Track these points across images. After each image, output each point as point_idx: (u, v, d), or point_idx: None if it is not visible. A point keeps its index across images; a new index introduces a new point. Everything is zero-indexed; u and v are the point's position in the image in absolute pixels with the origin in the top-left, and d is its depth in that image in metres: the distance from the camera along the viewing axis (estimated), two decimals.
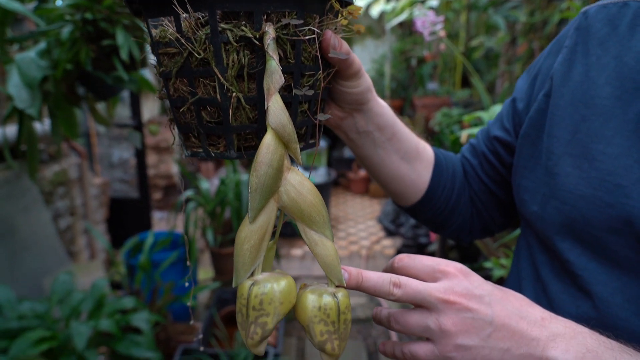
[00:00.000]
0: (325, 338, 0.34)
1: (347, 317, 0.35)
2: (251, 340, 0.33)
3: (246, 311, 0.33)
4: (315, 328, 0.34)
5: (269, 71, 0.33)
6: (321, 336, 0.34)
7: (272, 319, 0.32)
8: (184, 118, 0.38)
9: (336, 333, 0.34)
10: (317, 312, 0.34)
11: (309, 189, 0.35)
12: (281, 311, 0.32)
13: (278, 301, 0.32)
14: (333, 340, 0.34)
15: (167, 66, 0.36)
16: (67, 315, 1.43)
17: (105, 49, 1.02)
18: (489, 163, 0.59)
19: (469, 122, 1.89)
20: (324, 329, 0.34)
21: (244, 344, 1.64)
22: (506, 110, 0.57)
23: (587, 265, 0.43)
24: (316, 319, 0.34)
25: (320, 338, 0.34)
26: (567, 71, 0.47)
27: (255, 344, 0.33)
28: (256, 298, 0.32)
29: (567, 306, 0.45)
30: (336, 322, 0.34)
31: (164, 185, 3.29)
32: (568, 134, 0.45)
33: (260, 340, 0.33)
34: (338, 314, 0.34)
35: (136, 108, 2.25)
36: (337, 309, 0.34)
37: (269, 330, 0.32)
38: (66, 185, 2.01)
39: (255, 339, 0.32)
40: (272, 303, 0.32)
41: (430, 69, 4.01)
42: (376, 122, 0.51)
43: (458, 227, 0.62)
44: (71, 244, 2.04)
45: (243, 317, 0.33)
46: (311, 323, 0.34)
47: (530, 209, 0.49)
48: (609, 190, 0.41)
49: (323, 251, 0.35)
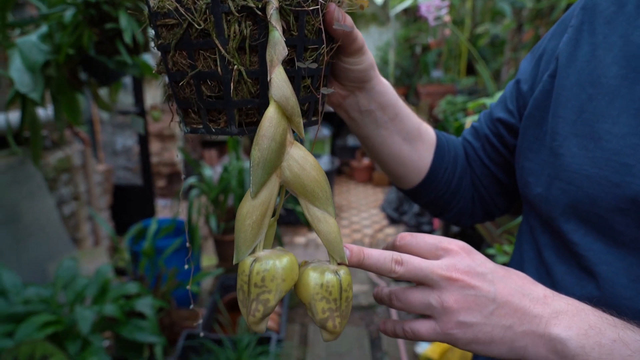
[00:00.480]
0: (327, 315, 0.34)
1: (348, 294, 0.35)
2: (252, 317, 0.32)
3: (247, 288, 0.32)
4: (317, 305, 0.34)
5: (272, 42, 0.32)
6: (323, 314, 0.34)
7: (274, 296, 0.32)
8: (183, 93, 0.37)
9: (338, 310, 0.34)
10: (319, 290, 0.33)
11: (312, 164, 0.34)
12: (283, 288, 0.32)
13: (280, 278, 0.32)
14: (335, 318, 0.34)
15: (165, 38, 0.36)
16: (72, 300, 1.44)
17: (108, 32, 1.01)
18: (492, 146, 0.58)
19: (473, 109, 1.88)
20: (325, 306, 0.34)
21: (247, 329, 1.65)
22: (510, 92, 0.56)
23: (592, 246, 0.42)
24: (318, 296, 0.33)
25: (322, 315, 0.34)
26: (572, 51, 0.46)
27: (257, 322, 0.32)
28: (258, 275, 0.32)
29: (571, 287, 0.44)
30: (338, 300, 0.34)
31: (167, 173, 3.30)
32: (574, 114, 0.44)
33: (262, 317, 0.32)
34: (340, 291, 0.34)
35: (139, 94, 2.24)
36: (339, 286, 0.34)
37: (271, 308, 0.32)
38: (70, 172, 2.01)
39: (257, 317, 0.32)
40: (274, 280, 0.32)
41: (435, 57, 3.98)
42: (378, 101, 0.50)
43: (459, 211, 0.61)
44: (75, 231, 2.05)
45: (244, 295, 0.32)
46: (313, 300, 0.34)
47: (534, 191, 0.48)
48: (616, 170, 0.40)
49: (326, 228, 0.34)
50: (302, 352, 2.00)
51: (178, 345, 1.61)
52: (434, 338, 0.37)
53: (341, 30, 0.38)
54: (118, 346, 1.52)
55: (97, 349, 1.32)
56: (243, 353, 1.50)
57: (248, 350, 1.52)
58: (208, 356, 1.57)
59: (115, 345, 1.53)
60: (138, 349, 1.50)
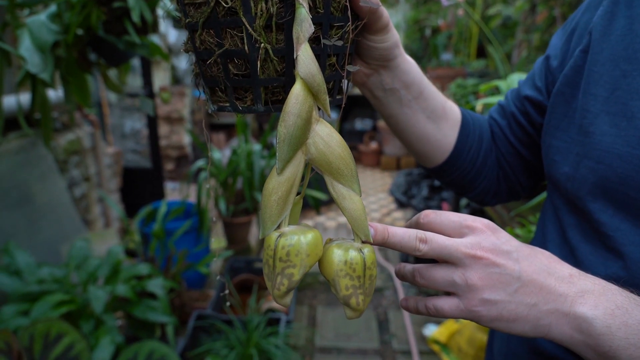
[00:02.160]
0: (351, 292, 0.34)
1: (372, 272, 0.35)
2: (277, 291, 0.33)
3: (273, 262, 0.33)
4: (340, 282, 0.34)
5: (299, 19, 0.32)
6: (346, 290, 0.34)
7: (298, 271, 0.32)
8: (210, 71, 0.37)
9: (361, 288, 0.34)
10: (343, 267, 0.34)
11: (338, 142, 0.34)
12: (308, 263, 0.32)
13: (305, 253, 0.32)
14: (358, 295, 0.34)
15: (193, 17, 0.35)
16: (85, 280, 1.46)
17: (116, 11, 1.00)
18: (518, 124, 0.57)
19: (484, 91, 1.85)
20: (349, 283, 0.34)
21: (256, 311, 1.67)
22: (538, 69, 0.55)
23: (619, 225, 0.42)
24: (342, 272, 0.34)
25: (346, 292, 0.34)
26: (607, 25, 0.45)
27: (282, 295, 0.33)
28: (283, 249, 0.32)
29: (596, 267, 0.44)
30: (362, 277, 0.34)
31: (176, 156, 3.31)
32: (606, 91, 0.43)
33: (287, 291, 0.33)
34: (364, 269, 0.34)
35: (147, 77, 2.23)
36: (363, 264, 0.34)
37: (296, 282, 0.32)
38: (80, 154, 2.02)
39: (282, 290, 0.33)
40: (299, 255, 0.32)
41: (445, 39, 3.92)
42: (403, 79, 0.49)
43: (483, 190, 0.60)
44: (86, 212, 2.07)
45: (270, 269, 0.33)
46: (337, 277, 0.34)
47: (561, 170, 0.47)
48: None
49: (351, 205, 0.35)
50: (311, 333, 2.02)
51: (189, 326, 1.64)
52: (457, 315, 0.37)
53: (367, 7, 0.38)
54: (130, 325, 1.54)
55: (110, 328, 1.34)
56: (253, 333, 1.52)
57: (258, 331, 1.54)
58: (218, 336, 1.60)
59: (128, 325, 1.56)
60: (150, 329, 1.52)
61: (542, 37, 2.57)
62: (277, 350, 1.48)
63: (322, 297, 2.31)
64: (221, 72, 0.36)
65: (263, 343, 1.49)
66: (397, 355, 1.90)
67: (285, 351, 1.50)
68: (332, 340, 1.99)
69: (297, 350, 1.87)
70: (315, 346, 1.94)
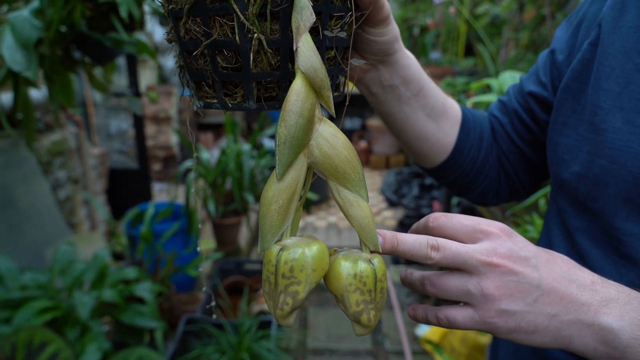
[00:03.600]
0: (362, 308, 0.31)
1: (383, 285, 0.32)
2: (280, 311, 0.30)
3: (274, 279, 0.29)
4: (350, 298, 0.31)
5: (299, 7, 0.29)
6: (357, 306, 0.31)
7: (303, 288, 0.29)
8: (196, 64, 0.34)
9: (372, 302, 0.31)
10: (352, 280, 0.31)
11: (344, 143, 0.31)
12: (313, 279, 0.29)
13: (310, 268, 0.29)
14: (369, 311, 0.31)
15: (177, 3, 0.32)
16: (70, 285, 1.41)
17: (101, 7, 0.96)
18: (521, 121, 0.55)
19: (475, 90, 1.84)
20: (360, 298, 0.31)
21: (247, 313, 1.64)
22: (543, 63, 0.53)
23: (633, 230, 0.40)
24: (351, 287, 0.31)
25: (356, 308, 0.31)
26: (618, 16, 0.42)
27: (285, 315, 0.30)
28: (286, 265, 0.29)
29: (609, 274, 0.42)
30: (373, 291, 0.31)
31: (163, 157, 3.25)
32: (618, 85, 0.41)
33: (291, 311, 0.30)
34: (375, 281, 0.31)
35: (133, 76, 2.18)
36: (374, 276, 0.31)
37: (301, 300, 0.29)
38: (64, 155, 1.96)
39: (285, 310, 0.29)
40: (304, 270, 0.29)
41: (433, 38, 3.92)
42: (402, 75, 0.47)
43: (484, 190, 0.58)
44: (71, 215, 2.02)
45: (271, 286, 0.30)
46: (346, 292, 0.31)
47: (571, 169, 0.45)
48: None
49: (358, 212, 0.31)
50: (303, 335, 2.00)
51: (178, 330, 1.60)
52: (472, 327, 0.35)
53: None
54: (117, 331, 1.50)
55: (96, 335, 1.30)
56: (244, 337, 1.49)
57: (249, 334, 1.51)
58: (209, 340, 1.56)
59: (115, 331, 1.52)
60: (138, 334, 1.48)
61: (530, 36, 2.58)
62: (269, 353, 1.45)
63: (314, 298, 2.28)
64: (208, 64, 0.33)
65: (255, 347, 1.46)
66: (389, 356, 1.88)
67: (277, 354, 1.47)
68: (324, 341, 1.96)
69: (289, 353, 1.84)
70: (307, 348, 1.92)
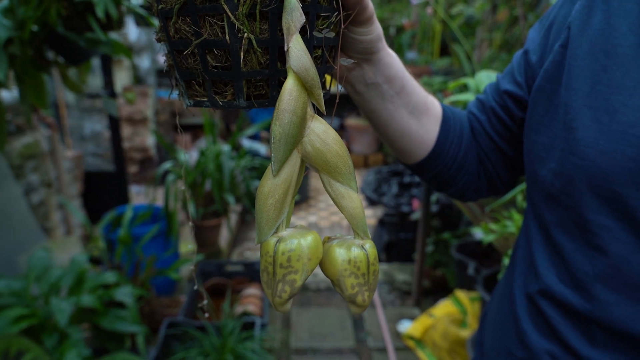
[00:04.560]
0: (356, 290, 0.34)
1: (375, 267, 0.34)
2: (279, 299, 0.32)
3: (272, 269, 0.31)
4: (346, 282, 0.33)
5: (289, 8, 0.30)
6: (352, 289, 0.33)
7: (300, 276, 0.31)
8: (185, 63, 0.34)
9: (366, 285, 0.34)
10: (347, 266, 0.33)
11: (334, 138, 0.32)
12: (309, 267, 0.31)
13: (306, 257, 0.31)
14: (364, 292, 0.34)
15: (167, 3, 0.32)
16: (46, 292, 1.38)
17: (77, 6, 0.94)
18: (498, 119, 0.57)
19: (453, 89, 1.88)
20: (354, 281, 0.33)
21: (230, 316, 1.63)
22: (517, 63, 0.55)
23: (605, 222, 0.42)
24: (346, 272, 0.33)
25: (352, 291, 0.33)
26: (586, 19, 0.45)
27: (283, 302, 0.32)
28: (283, 255, 0.31)
29: (583, 265, 0.44)
30: (366, 274, 0.34)
31: (139, 159, 3.20)
32: (587, 85, 0.43)
33: (288, 298, 0.32)
34: (368, 265, 0.33)
35: (108, 76, 2.14)
36: (367, 260, 0.33)
37: (298, 288, 0.31)
38: (37, 158, 1.91)
39: (283, 297, 0.31)
40: (301, 259, 0.31)
41: (409, 38, 3.97)
42: (385, 73, 0.48)
43: (464, 185, 0.60)
44: (45, 220, 1.97)
45: (269, 276, 0.31)
46: (341, 277, 0.33)
47: (548, 166, 0.47)
48: (632, 144, 0.39)
49: (350, 204, 0.33)
50: (286, 334, 2.00)
51: (160, 334, 1.58)
52: None
53: None
54: (97, 337, 1.47)
55: (76, 342, 1.27)
56: (228, 339, 1.48)
57: (233, 336, 1.50)
58: (192, 344, 1.55)
59: (94, 337, 1.49)
60: (119, 339, 1.45)
61: (503, 36, 2.64)
62: (253, 354, 1.44)
63: (296, 298, 2.28)
64: (198, 63, 0.34)
65: (239, 348, 1.45)
66: (372, 353, 1.90)
67: (262, 355, 1.46)
68: (307, 341, 1.97)
69: (273, 354, 1.84)
70: (290, 348, 1.92)
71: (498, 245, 1.33)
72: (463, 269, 1.94)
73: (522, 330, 0.51)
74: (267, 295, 0.32)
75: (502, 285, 0.61)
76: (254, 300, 1.89)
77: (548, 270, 0.48)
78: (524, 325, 0.51)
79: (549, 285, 0.48)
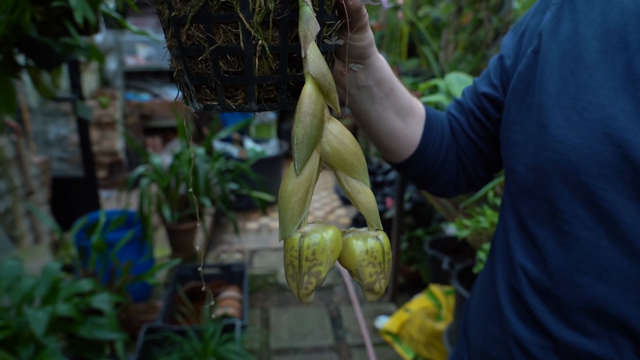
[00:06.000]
0: (374, 279, 0.36)
1: (389, 256, 0.37)
2: (305, 290, 0.34)
3: (298, 263, 0.33)
4: (364, 271, 0.35)
5: (304, 18, 0.32)
6: (370, 277, 0.36)
7: (325, 268, 0.33)
8: (196, 68, 0.36)
9: (382, 273, 0.36)
10: (365, 256, 0.35)
11: (350, 138, 0.35)
12: (332, 259, 0.33)
13: (329, 250, 0.33)
14: (380, 280, 0.36)
15: (180, 10, 0.34)
16: (18, 302, 1.34)
17: (53, 11, 0.93)
18: (476, 119, 0.61)
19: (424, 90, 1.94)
20: (372, 270, 0.36)
21: (211, 319, 1.62)
22: (493, 67, 0.59)
23: (575, 210, 0.46)
24: (365, 262, 0.35)
25: (370, 279, 0.36)
26: (555, 27, 0.49)
27: (309, 293, 0.34)
28: (309, 249, 0.33)
29: (555, 251, 0.48)
30: (382, 263, 0.36)
31: (108, 163, 3.12)
32: (557, 87, 0.47)
33: (314, 289, 0.34)
34: (383, 254, 0.36)
35: (76, 80, 2.08)
36: (382, 250, 0.36)
37: (322, 279, 0.34)
38: (2, 164, 1.84)
39: (309, 289, 0.34)
40: (324, 252, 0.33)
41: (378, 39, 4.04)
42: (376, 77, 0.51)
43: (445, 183, 0.64)
44: (12, 228, 1.90)
45: (295, 270, 0.34)
46: (360, 267, 0.35)
47: (522, 161, 0.51)
48: (598, 139, 0.44)
49: (364, 198, 0.36)
50: (266, 335, 2.00)
51: (139, 340, 1.56)
52: None
53: (359, 5, 0.38)
54: (74, 346, 1.44)
55: (52, 352, 1.24)
56: (209, 342, 1.48)
57: (214, 339, 1.50)
58: (172, 348, 1.53)
59: (71, 346, 1.45)
60: (98, 348, 1.43)
61: (469, 38, 2.74)
62: (236, 356, 1.45)
63: (275, 299, 2.29)
64: (210, 69, 0.35)
65: (221, 350, 1.45)
66: (352, 350, 1.93)
67: (244, 357, 1.47)
68: (287, 341, 1.98)
69: (255, 354, 1.84)
70: (270, 348, 1.92)
71: (471, 240, 1.39)
72: (436, 264, 2.00)
73: (505, 318, 0.55)
74: (291, 288, 0.35)
75: (484, 275, 0.65)
76: (233, 303, 1.89)
77: (524, 258, 0.52)
78: (507, 313, 0.55)
79: (525, 271, 0.52)
